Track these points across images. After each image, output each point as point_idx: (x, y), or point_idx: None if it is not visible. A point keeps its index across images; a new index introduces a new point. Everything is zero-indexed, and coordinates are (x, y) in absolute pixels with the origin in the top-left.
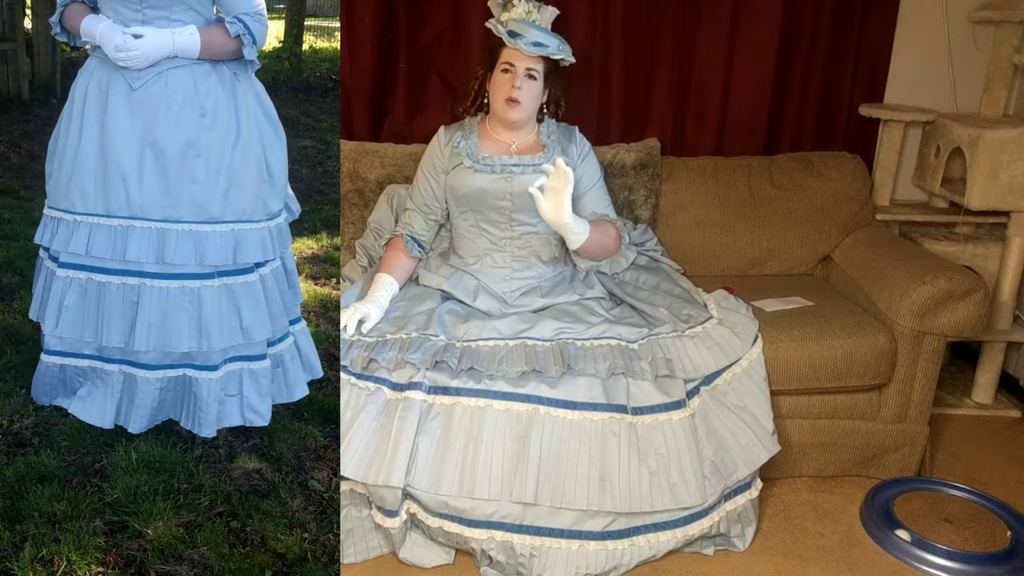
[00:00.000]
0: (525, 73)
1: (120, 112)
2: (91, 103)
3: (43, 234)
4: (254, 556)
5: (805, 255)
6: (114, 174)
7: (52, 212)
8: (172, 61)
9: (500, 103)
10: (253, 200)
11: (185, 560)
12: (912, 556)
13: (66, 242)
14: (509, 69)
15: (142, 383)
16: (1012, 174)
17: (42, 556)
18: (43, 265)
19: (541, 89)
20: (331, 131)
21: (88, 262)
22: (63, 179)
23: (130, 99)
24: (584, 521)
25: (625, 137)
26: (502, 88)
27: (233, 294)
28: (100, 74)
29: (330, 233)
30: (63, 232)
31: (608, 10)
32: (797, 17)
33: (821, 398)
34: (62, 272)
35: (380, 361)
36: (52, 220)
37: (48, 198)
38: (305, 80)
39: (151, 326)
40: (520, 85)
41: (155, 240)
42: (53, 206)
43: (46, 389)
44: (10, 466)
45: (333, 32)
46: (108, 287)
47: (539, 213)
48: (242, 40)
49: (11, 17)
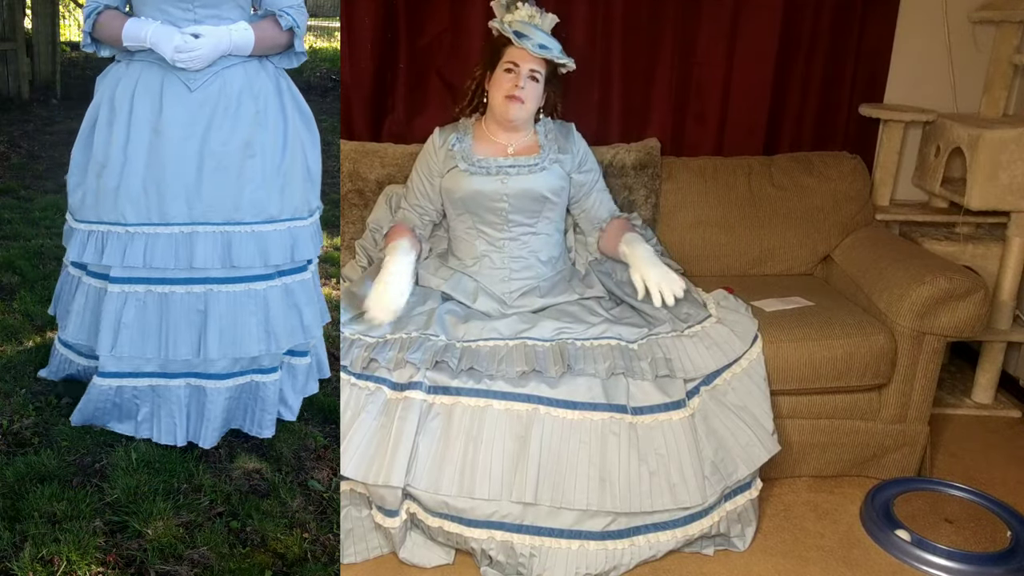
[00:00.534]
0: (528, 74)
1: (177, 115)
2: (140, 108)
3: (83, 250)
4: (254, 556)
5: (805, 255)
6: (173, 180)
7: (92, 226)
8: (227, 59)
9: (500, 100)
10: (301, 197)
11: (185, 560)
12: (912, 556)
13: (119, 256)
14: (513, 69)
15: (212, 394)
16: (1012, 174)
17: (42, 556)
18: (78, 283)
19: (541, 91)
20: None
21: (147, 274)
22: (107, 190)
23: (187, 101)
24: (584, 521)
25: (625, 137)
26: (504, 85)
27: (293, 293)
28: (149, 77)
29: (330, 233)
30: (114, 246)
31: (608, 10)
32: (797, 17)
33: (821, 398)
34: (115, 288)
35: (380, 361)
36: (94, 235)
37: (77, 211)
38: (305, 80)
39: (222, 333)
40: (523, 85)
41: (221, 244)
42: (91, 219)
43: (97, 414)
44: (10, 466)
45: (333, 32)
46: (172, 298)
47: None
48: (294, 32)
49: (11, 17)
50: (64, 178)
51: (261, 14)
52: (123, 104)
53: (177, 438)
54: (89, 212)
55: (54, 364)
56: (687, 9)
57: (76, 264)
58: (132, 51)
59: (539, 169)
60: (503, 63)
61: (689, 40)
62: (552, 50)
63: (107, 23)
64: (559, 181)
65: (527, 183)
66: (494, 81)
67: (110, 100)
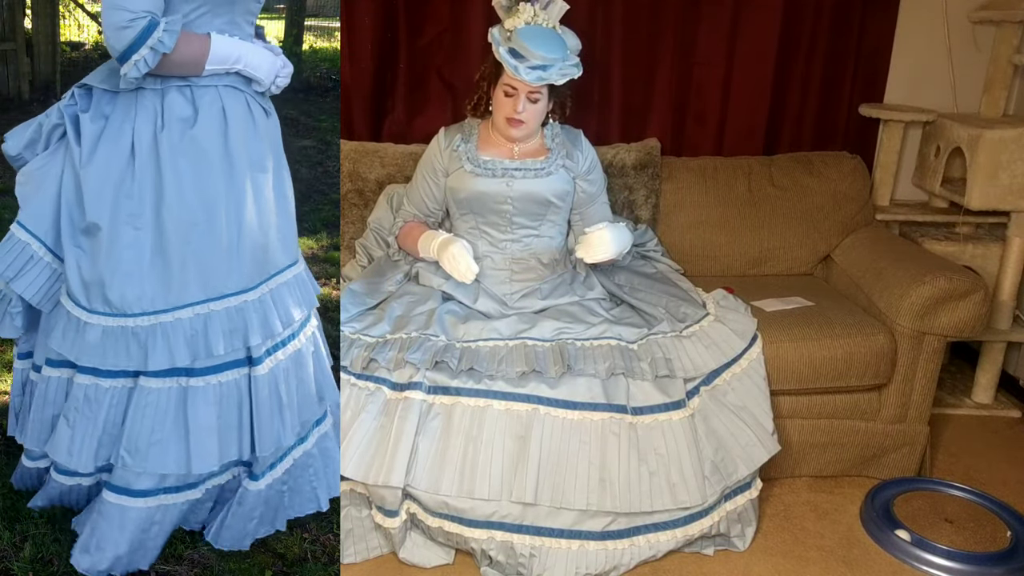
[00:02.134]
0: (528, 97)
1: (261, 147)
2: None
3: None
4: (254, 556)
5: (805, 255)
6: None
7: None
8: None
9: (502, 121)
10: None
11: (185, 560)
12: (912, 556)
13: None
14: (511, 93)
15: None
16: (1012, 174)
17: (42, 556)
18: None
19: (544, 107)
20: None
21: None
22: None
23: (268, 124)
24: (584, 521)
25: (625, 137)
26: (504, 108)
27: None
28: (232, 101)
29: (330, 233)
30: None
31: (608, 10)
32: (797, 17)
33: (821, 398)
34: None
35: (380, 361)
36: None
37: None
38: (305, 80)
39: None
40: (523, 109)
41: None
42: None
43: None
44: (10, 466)
45: (333, 32)
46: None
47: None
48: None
49: (11, 17)
50: None
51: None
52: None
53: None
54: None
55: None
56: (687, 9)
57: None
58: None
59: (545, 173)
60: (502, 84)
61: (689, 40)
62: (552, 68)
63: (188, 42)
64: (564, 186)
65: (532, 186)
66: (496, 99)
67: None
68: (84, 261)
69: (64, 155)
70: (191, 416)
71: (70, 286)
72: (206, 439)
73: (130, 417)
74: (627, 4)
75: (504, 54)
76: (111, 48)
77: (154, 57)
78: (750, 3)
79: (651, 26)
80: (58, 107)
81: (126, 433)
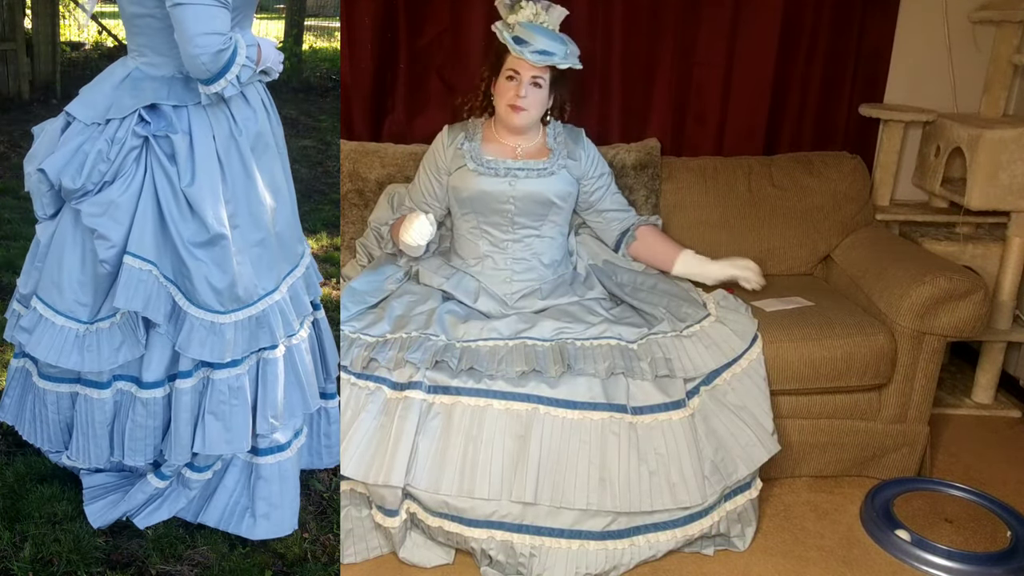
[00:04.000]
0: (530, 81)
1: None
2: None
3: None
4: (254, 556)
5: (805, 255)
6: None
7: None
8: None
9: (504, 108)
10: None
11: (185, 560)
12: (912, 556)
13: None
14: (514, 76)
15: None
16: (1012, 174)
17: (42, 556)
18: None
19: (546, 96)
20: (331, 131)
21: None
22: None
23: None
24: (584, 521)
25: (625, 137)
26: (507, 95)
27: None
28: (264, 93)
29: (330, 233)
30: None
31: (608, 10)
32: (797, 17)
33: (821, 398)
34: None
35: (380, 360)
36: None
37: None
38: (305, 80)
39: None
40: (525, 94)
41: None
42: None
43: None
44: (10, 466)
45: (333, 32)
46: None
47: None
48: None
49: (11, 17)
50: None
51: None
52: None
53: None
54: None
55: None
56: (687, 9)
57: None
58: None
59: (548, 174)
60: (505, 70)
61: (689, 40)
62: (555, 55)
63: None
64: (567, 186)
65: (535, 187)
66: (498, 88)
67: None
68: (210, 271)
69: (147, 176)
70: (301, 368)
71: (199, 296)
72: (305, 384)
73: (261, 390)
74: (627, 4)
75: (508, 38)
76: (202, 70)
77: (247, 73)
78: (750, 3)
79: (651, 26)
80: (127, 129)
81: (268, 402)
